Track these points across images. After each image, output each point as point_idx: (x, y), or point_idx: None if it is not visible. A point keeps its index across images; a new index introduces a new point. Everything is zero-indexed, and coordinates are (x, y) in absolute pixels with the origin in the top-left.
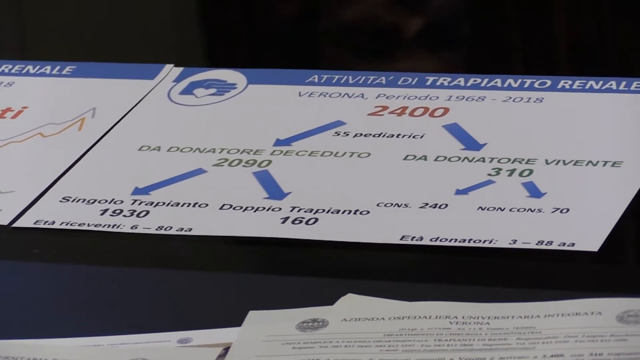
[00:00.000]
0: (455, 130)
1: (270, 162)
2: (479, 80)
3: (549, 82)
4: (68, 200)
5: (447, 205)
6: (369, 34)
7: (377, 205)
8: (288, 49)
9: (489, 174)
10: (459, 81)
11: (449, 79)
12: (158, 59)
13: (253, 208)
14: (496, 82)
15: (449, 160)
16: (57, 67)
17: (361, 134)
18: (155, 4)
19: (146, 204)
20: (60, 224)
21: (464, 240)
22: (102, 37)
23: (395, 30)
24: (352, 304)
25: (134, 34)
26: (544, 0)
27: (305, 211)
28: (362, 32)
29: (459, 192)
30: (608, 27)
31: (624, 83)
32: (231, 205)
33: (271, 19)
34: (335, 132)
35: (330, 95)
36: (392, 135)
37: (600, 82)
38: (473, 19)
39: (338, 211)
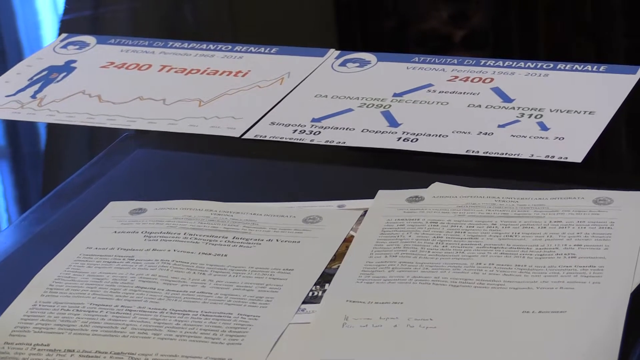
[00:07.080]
0: (497, 91)
1: (390, 105)
2: (511, 62)
3: (551, 65)
4: (274, 124)
5: (493, 133)
6: (436, 37)
7: (452, 132)
8: (400, 42)
9: (517, 116)
10: (499, 63)
11: (493, 61)
12: (326, 44)
13: (380, 131)
14: (520, 64)
15: (494, 107)
16: (268, 48)
17: (442, 91)
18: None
19: (319, 127)
20: (269, 137)
21: (503, 154)
22: (295, 30)
23: (452, 36)
24: (438, 187)
25: (313, 29)
26: (548, 14)
27: (410, 134)
28: (434, 36)
29: (500, 126)
30: (585, 30)
31: (595, 67)
32: (368, 129)
33: (388, 25)
34: (428, 90)
35: (424, 69)
36: (461, 93)
37: (582, 66)
38: (502, 28)
39: (430, 134)
